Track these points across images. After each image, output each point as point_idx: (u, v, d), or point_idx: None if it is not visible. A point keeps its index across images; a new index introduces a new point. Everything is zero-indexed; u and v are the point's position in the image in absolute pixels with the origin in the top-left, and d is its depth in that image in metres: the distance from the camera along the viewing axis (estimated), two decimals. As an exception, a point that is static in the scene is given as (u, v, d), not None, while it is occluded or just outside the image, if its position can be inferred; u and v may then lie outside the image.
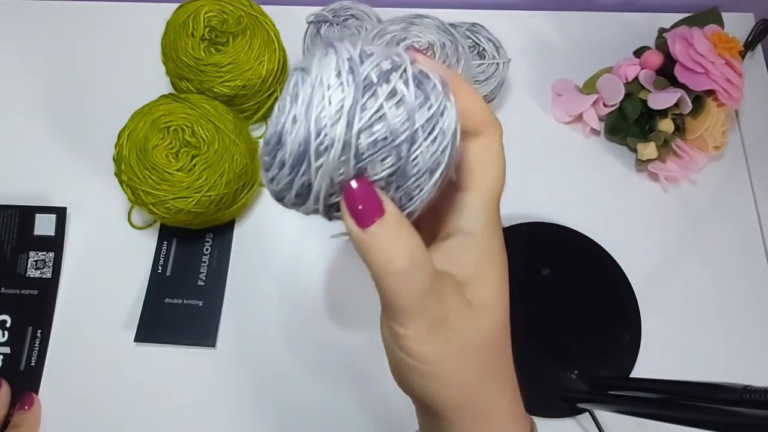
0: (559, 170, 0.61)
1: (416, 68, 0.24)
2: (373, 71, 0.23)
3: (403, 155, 0.23)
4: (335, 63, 0.23)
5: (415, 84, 0.23)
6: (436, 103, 0.23)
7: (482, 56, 0.58)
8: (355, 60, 0.23)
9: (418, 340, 0.25)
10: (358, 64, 0.23)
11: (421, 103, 0.23)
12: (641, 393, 0.44)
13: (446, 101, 0.24)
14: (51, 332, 0.55)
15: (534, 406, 0.52)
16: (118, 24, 0.67)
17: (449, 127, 0.23)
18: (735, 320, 0.56)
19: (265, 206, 0.59)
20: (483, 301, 0.26)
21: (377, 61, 0.23)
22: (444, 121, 0.23)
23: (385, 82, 0.22)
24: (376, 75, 0.22)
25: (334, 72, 0.22)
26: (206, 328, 0.55)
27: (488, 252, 0.27)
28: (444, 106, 0.23)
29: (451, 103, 0.24)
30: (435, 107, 0.23)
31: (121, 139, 0.52)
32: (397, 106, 0.22)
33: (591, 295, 0.56)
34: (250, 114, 0.60)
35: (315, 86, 0.22)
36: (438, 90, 0.23)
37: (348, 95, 0.22)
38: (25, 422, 0.51)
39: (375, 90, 0.22)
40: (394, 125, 0.22)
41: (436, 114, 0.23)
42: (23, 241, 0.57)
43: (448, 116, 0.23)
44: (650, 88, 0.58)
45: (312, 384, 0.53)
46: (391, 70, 0.23)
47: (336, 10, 0.60)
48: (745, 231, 0.59)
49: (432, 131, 0.23)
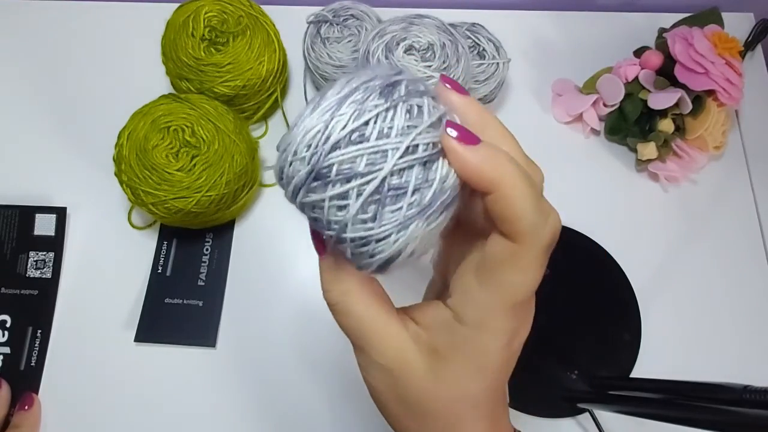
0: (559, 170, 0.61)
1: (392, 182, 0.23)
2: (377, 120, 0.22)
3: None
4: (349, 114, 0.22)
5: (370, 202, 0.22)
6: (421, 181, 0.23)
7: (482, 56, 0.58)
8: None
9: (364, 370, 0.27)
10: None
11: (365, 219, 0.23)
12: (641, 393, 0.44)
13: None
14: (51, 332, 0.55)
15: (534, 406, 0.52)
16: (118, 24, 0.67)
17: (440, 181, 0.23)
18: (735, 320, 0.56)
19: (265, 206, 0.59)
20: (445, 377, 0.26)
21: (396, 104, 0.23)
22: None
23: (342, 183, 0.22)
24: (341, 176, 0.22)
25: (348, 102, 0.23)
26: (206, 328, 0.54)
27: (476, 353, 0.25)
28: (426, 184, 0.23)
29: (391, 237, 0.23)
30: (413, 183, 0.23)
31: (121, 139, 0.52)
32: (339, 209, 0.23)
33: (591, 295, 0.56)
34: (250, 114, 0.60)
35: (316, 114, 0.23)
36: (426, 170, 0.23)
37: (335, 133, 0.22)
38: (26, 422, 0.51)
39: (329, 183, 0.22)
40: (363, 163, 0.22)
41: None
42: (23, 241, 0.57)
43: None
44: (650, 88, 0.58)
45: (312, 384, 0.53)
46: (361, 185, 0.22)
47: (336, 10, 0.60)
48: (745, 231, 0.59)
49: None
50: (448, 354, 0.25)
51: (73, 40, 0.66)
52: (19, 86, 0.64)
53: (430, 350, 0.26)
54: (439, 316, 0.26)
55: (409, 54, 0.51)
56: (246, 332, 0.55)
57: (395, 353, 0.26)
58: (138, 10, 0.68)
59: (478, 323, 0.25)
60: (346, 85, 0.23)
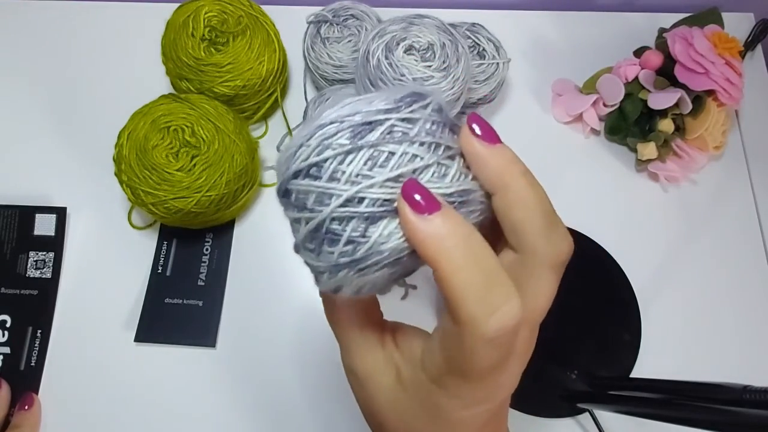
0: (559, 170, 0.61)
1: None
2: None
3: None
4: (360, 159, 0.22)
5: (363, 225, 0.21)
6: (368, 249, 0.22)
7: (482, 56, 0.58)
8: (355, 197, 0.21)
9: (343, 364, 0.28)
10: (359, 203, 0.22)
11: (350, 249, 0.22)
12: (641, 393, 0.44)
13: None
14: (51, 332, 0.55)
15: (534, 406, 0.52)
16: (118, 24, 0.67)
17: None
18: (735, 320, 0.56)
19: (265, 206, 0.59)
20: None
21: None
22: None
23: (296, 210, 0.22)
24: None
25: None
26: (206, 328, 0.54)
27: (433, 409, 0.24)
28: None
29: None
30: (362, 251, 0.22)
31: (121, 139, 0.52)
32: (294, 230, 0.23)
33: (591, 295, 0.56)
34: (250, 114, 0.60)
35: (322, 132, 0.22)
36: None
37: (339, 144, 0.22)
38: (26, 422, 0.51)
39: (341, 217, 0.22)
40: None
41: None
42: (23, 241, 0.57)
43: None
44: (650, 88, 0.58)
45: (312, 384, 0.53)
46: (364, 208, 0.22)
47: (336, 10, 0.60)
48: (745, 231, 0.59)
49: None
50: (409, 390, 0.25)
51: (73, 40, 0.66)
52: (19, 86, 0.64)
53: (398, 376, 0.26)
54: (417, 348, 0.26)
55: (409, 54, 0.51)
56: (246, 332, 0.55)
57: (365, 364, 0.26)
58: (138, 10, 0.68)
59: (435, 379, 0.24)
60: (335, 110, 0.22)
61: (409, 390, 0.25)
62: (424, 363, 0.24)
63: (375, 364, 0.26)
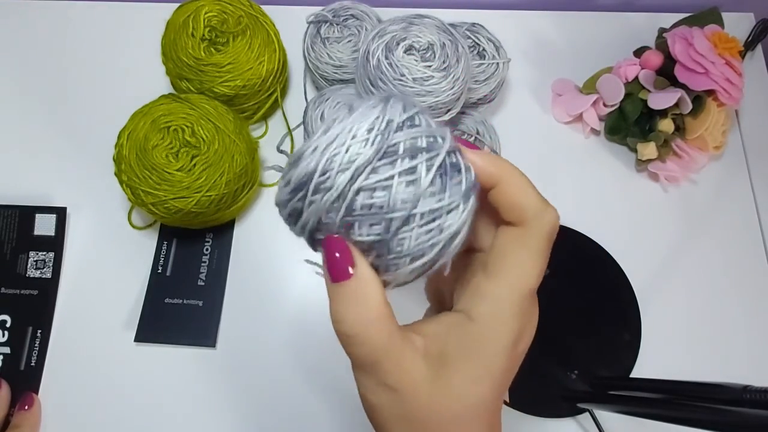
0: (559, 170, 0.61)
1: (454, 158, 0.24)
2: (406, 142, 0.23)
3: (392, 230, 0.23)
4: (373, 119, 0.23)
5: (438, 173, 0.23)
6: (448, 199, 0.23)
7: (482, 56, 0.58)
8: (395, 124, 0.23)
9: (368, 390, 0.26)
10: (394, 130, 0.23)
11: (434, 192, 0.23)
12: (641, 393, 0.44)
13: (462, 202, 0.23)
14: (51, 332, 0.55)
15: (534, 406, 0.52)
16: (118, 24, 0.67)
17: (450, 227, 0.23)
18: (735, 320, 0.56)
19: (265, 206, 0.59)
20: (455, 389, 0.25)
21: (416, 135, 0.23)
22: (447, 219, 0.23)
23: (409, 158, 0.23)
24: (405, 147, 0.23)
25: (367, 126, 0.23)
26: (206, 328, 0.55)
27: (484, 353, 0.25)
28: (456, 205, 0.23)
29: (467, 206, 0.23)
30: (445, 202, 0.23)
31: (121, 139, 0.52)
32: (407, 184, 0.23)
33: (591, 295, 0.56)
34: (250, 114, 0.60)
35: (345, 130, 0.23)
36: (460, 188, 0.23)
37: (365, 153, 0.22)
38: (26, 422, 0.51)
39: (395, 160, 0.22)
40: (395, 199, 0.22)
41: (443, 209, 0.23)
42: (23, 241, 0.57)
43: (454, 216, 0.23)
44: (650, 88, 0.58)
45: (311, 384, 0.53)
46: (423, 149, 0.23)
47: (336, 10, 0.60)
48: (745, 231, 0.59)
49: (430, 223, 0.23)
50: (457, 355, 0.25)
51: (73, 40, 0.66)
52: (19, 86, 0.64)
53: (438, 359, 0.25)
54: (446, 321, 0.26)
55: (409, 54, 0.51)
56: (246, 332, 0.55)
57: (404, 375, 0.25)
58: (138, 10, 0.68)
59: (488, 317, 0.25)
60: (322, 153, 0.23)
61: (457, 357, 0.26)
62: (471, 312, 0.26)
63: (413, 367, 0.25)
